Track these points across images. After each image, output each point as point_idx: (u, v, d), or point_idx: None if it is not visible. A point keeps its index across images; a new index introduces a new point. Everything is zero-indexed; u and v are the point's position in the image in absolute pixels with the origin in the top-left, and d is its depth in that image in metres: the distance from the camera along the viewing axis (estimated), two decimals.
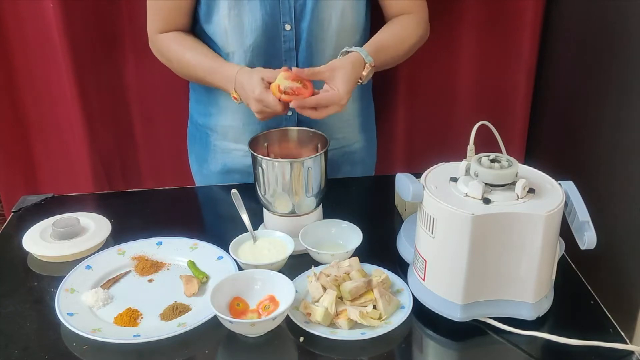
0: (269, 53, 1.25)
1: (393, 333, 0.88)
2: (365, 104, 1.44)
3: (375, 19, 1.35)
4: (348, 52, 1.18)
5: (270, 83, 1.11)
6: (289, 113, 1.30)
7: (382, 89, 1.68)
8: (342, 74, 1.10)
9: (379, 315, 0.91)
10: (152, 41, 1.30)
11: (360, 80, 1.16)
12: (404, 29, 1.29)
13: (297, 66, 1.25)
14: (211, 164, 1.42)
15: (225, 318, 0.86)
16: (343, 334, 0.88)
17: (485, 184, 0.87)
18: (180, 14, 1.25)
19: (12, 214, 1.26)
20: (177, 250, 1.09)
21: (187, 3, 1.24)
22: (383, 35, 1.26)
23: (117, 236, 1.15)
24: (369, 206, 1.34)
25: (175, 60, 1.27)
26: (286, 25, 1.22)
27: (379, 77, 1.63)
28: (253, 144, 1.10)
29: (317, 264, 1.04)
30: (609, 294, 1.01)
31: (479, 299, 0.90)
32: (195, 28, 1.30)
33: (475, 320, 0.91)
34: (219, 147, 1.39)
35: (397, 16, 1.31)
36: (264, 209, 1.13)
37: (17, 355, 0.87)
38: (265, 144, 1.15)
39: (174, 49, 1.26)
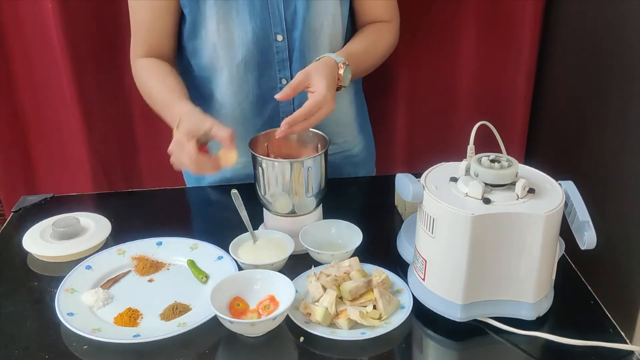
0: (262, 65, 1.23)
1: (393, 333, 0.88)
2: (359, 105, 1.43)
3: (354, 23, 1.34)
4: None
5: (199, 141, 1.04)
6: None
7: (382, 89, 1.68)
8: (317, 76, 1.08)
9: (379, 315, 0.91)
10: (132, 67, 1.27)
11: (339, 82, 1.13)
12: (376, 39, 1.28)
13: (291, 75, 1.23)
14: (209, 177, 1.39)
15: (225, 318, 0.86)
16: (343, 334, 0.88)
17: (485, 184, 0.87)
18: (163, 34, 1.22)
19: (12, 214, 1.26)
20: (177, 250, 1.09)
21: (170, 21, 1.20)
22: (354, 45, 1.23)
23: (117, 236, 1.15)
24: (369, 206, 1.34)
25: (142, 86, 1.23)
26: (278, 35, 1.21)
27: (379, 77, 1.63)
28: (253, 144, 1.10)
29: (317, 264, 1.04)
30: (609, 294, 1.01)
31: (479, 299, 0.90)
32: (178, 48, 1.27)
33: (475, 320, 0.91)
34: None
35: (369, 23, 1.30)
36: (264, 209, 1.13)
37: (17, 355, 0.87)
38: (265, 144, 1.15)
39: (144, 74, 1.23)
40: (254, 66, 1.23)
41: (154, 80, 1.22)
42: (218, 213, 1.34)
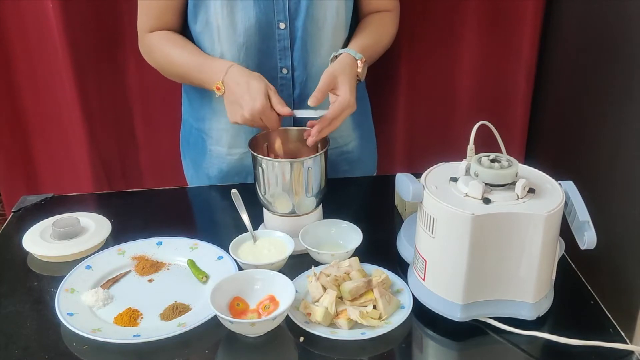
0: (263, 52, 1.23)
1: (393, 333, 0.88)
2: (358, 101, 1.43)
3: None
4: (336, 56, 1.18)
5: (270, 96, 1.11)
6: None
7: (382, 89, 1.68)
8: (342, 79, 1.11)
9: (379, 315, 0.91)
10: (141, 41, 1.28)
11: (358, 78, 1.17)
12: (383, 31, 1.31)
13: (292, 65, 1.24)
14: (207, 169, 1.39)
15: (225, 318, 0.86)
16: (343, 334, 0.88)
17: (485, 184, 0.87)
18: (171, 12, 1.23)
19: (12, 214, 1.26)
20: (177, 250, 1.09)
21: (178, 1, 1.22)
22: (366, 38, 1.25)
23: (117, 236, 1.15)
24: (369, 206, 1.34)
25: (162, 57, 1.25)
26: (280, 23, 1.21)
27: (379, 77, 1.63)
28: (253, 144, 1.10)
29: (317, 264, 1.04)
30: (609, 294, 1.01)
31: (479, 299, 0.90)
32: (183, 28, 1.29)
33: (475, 320, 0.91)
34: (214, 152, 1.37)
35: (371, 12, 1.32)
36: (264, 209, 1.13)
37: (17, 355, 0.87)
38: (265, 144, 1.15)
39: (161, 45, 1.24)
40: (254, 53, 1.23)
41: (179, 47, 1.23)
42: (218, 213, 1.34)
